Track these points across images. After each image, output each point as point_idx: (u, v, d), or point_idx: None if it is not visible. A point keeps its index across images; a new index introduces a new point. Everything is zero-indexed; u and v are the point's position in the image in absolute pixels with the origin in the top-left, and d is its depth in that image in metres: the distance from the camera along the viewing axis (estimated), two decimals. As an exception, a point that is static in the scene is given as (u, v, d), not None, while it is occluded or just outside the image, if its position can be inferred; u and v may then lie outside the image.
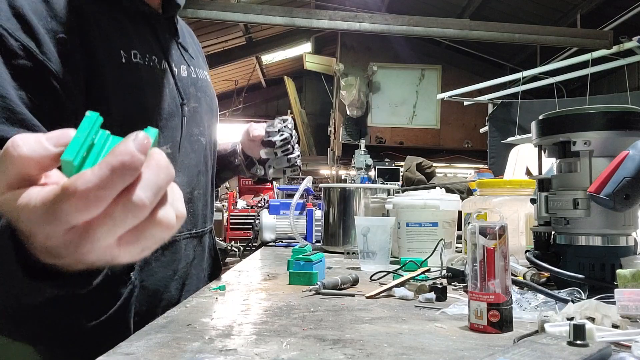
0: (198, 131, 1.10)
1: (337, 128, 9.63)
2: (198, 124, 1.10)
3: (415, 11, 6.77)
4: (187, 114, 1.05)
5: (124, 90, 0.91)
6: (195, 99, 1.09)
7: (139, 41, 0.96)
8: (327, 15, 5.94)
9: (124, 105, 0.90)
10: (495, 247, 0.75)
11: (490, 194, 1.59)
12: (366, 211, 1.81)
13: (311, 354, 0.62)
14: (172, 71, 1.03)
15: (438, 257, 1.29)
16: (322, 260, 1.21)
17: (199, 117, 1.11)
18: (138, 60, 0.94)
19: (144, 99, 0.95)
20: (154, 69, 0.98)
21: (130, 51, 0.93)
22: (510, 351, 0.55)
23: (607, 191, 0.94)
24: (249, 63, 11.08)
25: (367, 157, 4.58)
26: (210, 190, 1.19)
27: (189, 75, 1.09)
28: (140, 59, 0.95)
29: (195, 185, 1.10)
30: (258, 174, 1.36)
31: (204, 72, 1.17)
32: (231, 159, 1.34)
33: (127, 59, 0.92)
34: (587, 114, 1.05)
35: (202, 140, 1.12)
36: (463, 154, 9.40)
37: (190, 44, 1.17)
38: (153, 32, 1.02)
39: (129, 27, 0.96)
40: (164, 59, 1.02)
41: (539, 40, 6.18)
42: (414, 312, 0.87)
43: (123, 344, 0.64)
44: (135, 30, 0.97)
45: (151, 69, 0.97)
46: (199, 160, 1.11)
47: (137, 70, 0.94)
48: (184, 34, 1.15)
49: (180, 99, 1.03)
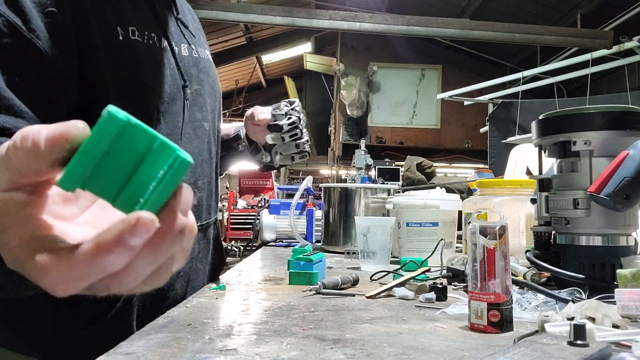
0: (201, 116, 1.02)
1: (338, 128, 9.63)
2: (201, 108, 1.03)
3: (416, 11, 6.77)
4: (189, 97, 0.97)
5: (122, 69, 0.84)
6: (197, 80, 1.01)
7: (135, 16, 0.89)
8: (327, 15, 5.94)
9: (121, 87, 0.83)
10: (495, 247, 0.74)
11: (491, 194, 1.59)
12: (366, 211, 1.81)
13: (311, 353, 0.62)
14: (172, 50, 0.95)
15: (438, 257, 1.29)
16: (322, 260, 1.21)
17: (202, 100, 1.03)
18: (137, 38, 0.87)
19: (144, 80, 0.88)
20: (153, 47, 0.90)
21: (127, 27, 0.85)
22: (511, 351, 0.56)
23: (608, 191, 0.94)
24: (249, 63, 11.08)
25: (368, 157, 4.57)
26: (215, 179, 1.12)
27: (190, 55, 1.01)
28: (139, 36, 0.87)
29: (199, 175, 1.03)
30: (264, 160, 1.27)
31: (205, 51, 1.09)
32: (234, 144, 1.25)
33: (124, 35, 0.84)
34: (588, 113, 1.05)
35: (205, 126, 1.04)
36: (463, 153, 9.39)
37: (191, 21, 1.09)
38: (150, 5, 0.94)
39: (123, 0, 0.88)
40: (164, 36, 0.94)
41: (539, 40, 6.17)
42: (414, 312, 0.87)
43: (123, 343, 0.64)
44: (131, 2, 0.89)
45: (150, 47, 0.90)
46: (203, 147, 1.03)
47: (136, 48, 0.86)
48: (184, 10, 1.07)
49: (181, 80, 0.96)
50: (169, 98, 0.92)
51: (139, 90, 0.87)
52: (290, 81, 11.56)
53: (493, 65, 9.07)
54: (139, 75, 0.87)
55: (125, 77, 0.84)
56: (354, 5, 7.68)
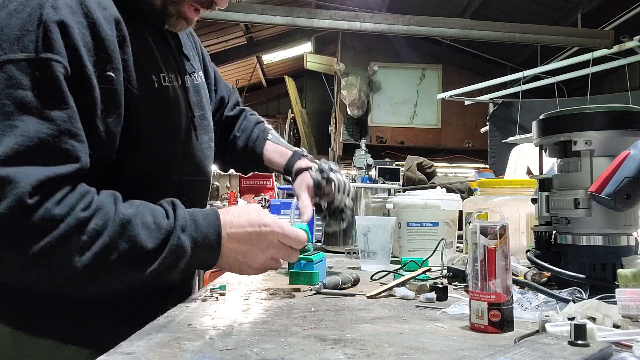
0: (207, 137, 1.09)
1: (338, 128, 9.63)
2: (206, 129, 1.09)
3: (416, 11, 6.76)
4: (197, 128, 1.04)
5: (156, 115, 0.92)
6: (199, 106, 1.08)
7: (162, 61, 0.96)
8: (328, 15, 5.93)
9: (156, 130, 0.92)
10: (496, 247, 0.74)
11: (491, 194, 1.59)
12: (367, 211, 1.81)
13: (312, 353, 0.62)
14: (184, 87, 1.02)
15: (439, 257, 1.29)
16: (323, 260, 1.21)
17: (206, 123, 1.10)
18: (166, 84, 0.94)
19: (173, 121, 0.96)
20: (175, 89, 0.97)
21: (159, 74, 0.93)
22: (511, 351, 0.55)
23: (608, 191, 0.94)
24: (249, 63, 11.07)
25: (368, 157, 4.57)
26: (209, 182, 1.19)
27: (192, 84, 1.07)
28: (168, 81, 0.95)
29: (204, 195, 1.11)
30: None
31: (200, 73, 1.15)
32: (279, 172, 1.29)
33: (158, 82, 0.92)
34: (588, 113, 1.05)
35: (212, 146, 1.11)
36: (464, 153, 9.38)
37: (189, 47, 1.14)
38: (169, 47, 1.01)
39: (152, 45, 0.94)
40: (179, 74, 1.01)
41: (540, 40, 6.16)
42: (415, 312, 0.87)
43: (124, 343, 0.64)
44: (158, 48, 0.96)
45: (174, 89, 0.97)
46: (209, 167, 1.11)
47: (167, 93, 0.94)
48: (183, 37, 1.12)
49: (190, 112, 1.02)
50: (185, 132, 1.00)
51: (169, 131, 0.96)
52: (291, 81, 11.56)
53: (494, 65, 9.06)
54: (169, 118, 0.95)
55: (159, 121, 0.93)
56: (354, 5, 7.68)
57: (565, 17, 7.04)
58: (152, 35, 0.95)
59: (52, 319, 0.88)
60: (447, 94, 7.12)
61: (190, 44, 1.17)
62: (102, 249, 0.75)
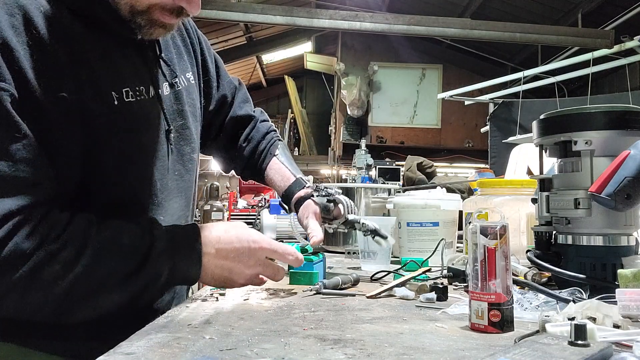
0: (190, 148, 1.03)
1: (338, 127, 9.63)
2: (188, 140, 1.03)
3: (416, 10, 6.77)
4: (172, 141, 0.97)
5: (119, 133, 0.85)
6: (180, 115, 1.01)
7: (128, 72, 0.89)
8: (328, 15, 5.93)
9: (120, 150, 0.86)
10: (496, 247, 0.74)
11: (491, 194, 1.59)
12: (367, 211, 1.81)
13: (312, 353, 0.62)
14: (158, 96, 0.95)
15: (439, 257, 1.29)
16: (323, 260, 1.21)
17: (188, 132, 1.03)
18: (130, 99, 0.87)
19: (140, 139, 0.90)
20: (143, 103, 0.90)
21: (121, 90, 0.86)
22: (512, 351, 0.55)
23: (609, 191, 0.94)
24: (249, 62, 11.07)
25: (368, 157, 4.58)
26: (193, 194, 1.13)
27: (170, 92, 0.99)
28: (132, 96, 0.87)
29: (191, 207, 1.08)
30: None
31: (186, 74, 1.06)
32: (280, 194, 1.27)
33: (119, 99, 0.85)
34: (588, 113, 1.05)
35: (194, 157, 1.06)
36: (464, 153, 9.38)
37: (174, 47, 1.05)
38: (139, 54, 0.92)
39: (116, 55, 0.87)
40: (152, 84, 0.93)
41: (540, 40, 6.16)
42: (415, 312, 0.87)
43: (124, 343, 0.64)
44: (123, 57, 0.89)
45: (141, 103, 0.89)
46: (192, 179, 1.06)
47: (131, 109, 0.87)
48: (167, 40, 1.02)
49: (166, 125, 0.96)
50: (159, 147, 0.94)
51: (135, 150, 0.89)
52: (291, 81, 11.57)
53: (494, 65, 9.06)
54: (135, 137, 0.89)
55: (123, 140, 0.86)
56: (354, 4, 7.68)
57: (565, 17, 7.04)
58: (117, 46, 0.88)
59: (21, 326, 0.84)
60: (447, 94, 7.12)
61: (181, 42, 1.09)
62: (77, 277, 0.74)
